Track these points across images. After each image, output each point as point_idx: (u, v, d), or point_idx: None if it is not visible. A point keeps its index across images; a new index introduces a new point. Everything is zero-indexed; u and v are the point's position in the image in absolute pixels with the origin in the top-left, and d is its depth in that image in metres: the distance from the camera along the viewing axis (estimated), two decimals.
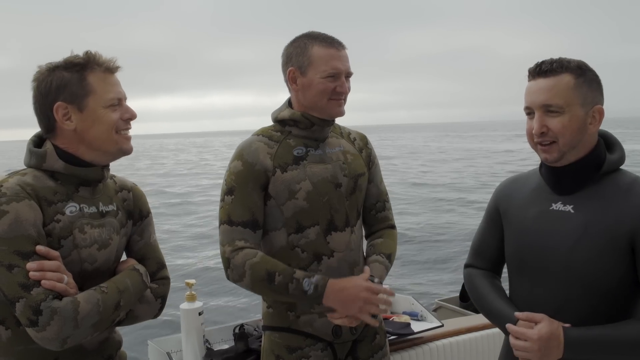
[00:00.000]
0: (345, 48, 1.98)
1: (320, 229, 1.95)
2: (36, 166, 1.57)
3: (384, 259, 2.03)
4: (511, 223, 1.77)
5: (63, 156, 1.57)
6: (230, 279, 1.90)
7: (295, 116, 1.98)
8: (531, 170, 1.84)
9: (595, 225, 1.58)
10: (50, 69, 1.56)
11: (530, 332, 1.55)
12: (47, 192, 1.52)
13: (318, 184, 1.95)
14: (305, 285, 1.83)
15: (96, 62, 1.58)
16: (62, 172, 1.56)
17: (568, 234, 1.61)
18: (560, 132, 1.58)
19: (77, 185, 1.59)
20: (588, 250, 1.57)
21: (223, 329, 2.58)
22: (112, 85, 1.60)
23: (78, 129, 1.56)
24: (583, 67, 1.61)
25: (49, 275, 1.42)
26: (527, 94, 1.64)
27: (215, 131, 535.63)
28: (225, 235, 1.91)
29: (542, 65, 1.60)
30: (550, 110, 1.59)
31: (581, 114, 1.59)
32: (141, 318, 1.67)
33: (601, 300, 1.58)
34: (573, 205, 1.63)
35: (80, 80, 1.55)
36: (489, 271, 1.87)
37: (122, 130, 1.61)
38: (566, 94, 1.57)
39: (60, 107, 1.54)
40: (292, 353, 1.95)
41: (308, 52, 1.93)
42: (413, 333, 2.59)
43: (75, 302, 1.43)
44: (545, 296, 1.65)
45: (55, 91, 1.54)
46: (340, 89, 1.95)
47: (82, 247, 1.55)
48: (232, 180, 1.93)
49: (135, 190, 1.79)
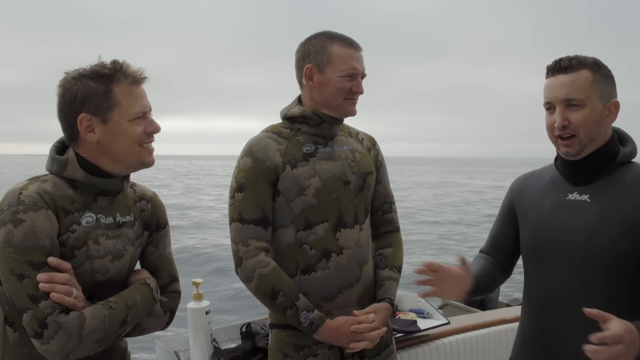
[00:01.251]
0: (362, 50, 2.00)
1: (329, 226, 1.95)
2: (57, 173, 1.56)
3: (397, 274, 2.08)
4: (526, 215, 1.81)
5: (84, 165, 1.56)
6: (238, 276, 1.94)
7: (305, 113, 1.98)
8: (545, 166, 1.89)
9: (611, 213, 1.62)
10: (77, 77, 1.54)
11: (614, 331, 1.41)
12: (65, 201, 1.52)
13: (327, 181, 1.95)
14: (302, 317, 1.88)
15: (123, 74, 1.55)
16: (82, 182, 1.55)
17: (585, 222, 1.66)
18: (581, 124, 1.64)
19: (95, 194, 1.57)
20: (605, 237, 1.61)
21: (230, 328, 2.58)
22: (138, 98, 1.57)
23: (101, 141, 1.55)
24: (599, 64, 1.67)
25: (58, 287, 1.42)
26: (548, 89, 1.69)
27: (219, 155, 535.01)
28: (238, 234, 1.92)
29: (561, 62, 1.66)
30: (571, 104, 1.64)
31: (600, 107, 1.65)
32: (148, 331, 1.67)
33: (618, 285, 1.62)
34: (589, 194, 1.68)
35: (106, 92, 1.52)
36: (495, 260, 1.93)
37: (145, 144, 1.60)
38: (586, 88, 1.63)
39: (84, 119, 1.53)
40: (300, 351, 1.96)
41: (328, 51, 1.94)
42: (419, 330, 2.59)
43: (81, 318, 1.42)
44: (563, 284, 1.68)
45: (80, 101, 1.52)
46: (356, 88, 1.97)
47: (95, 258, 1.54)
48: (242, 177, 1.94)
49: (154, 201, 1.77)
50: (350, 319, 1.94)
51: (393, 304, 2.05)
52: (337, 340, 1.93)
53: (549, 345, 1.71)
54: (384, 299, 2.02)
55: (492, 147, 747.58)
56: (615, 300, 1.62)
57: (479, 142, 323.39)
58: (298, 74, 2.01)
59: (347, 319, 1.94)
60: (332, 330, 1.91)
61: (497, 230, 1.95)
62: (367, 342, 1.94)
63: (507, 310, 3.23)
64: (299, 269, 1.95)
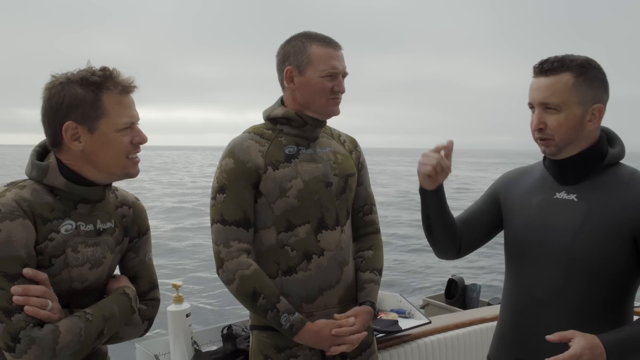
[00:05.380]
0: (342, 48, 1.99)
1: (310, 227, 1.95)
2: (37, 179, 1.51)
3: (377, 277, 2.09)
4: (513, 211, 1.81)
5: (65, 172, 1.51)
6: (219, 277, 1.93)
7: (288, 114, 1.98)
8: (535, 162, 1.88)
9: (598, 213, 1.62)
10: (64, 82, 1.48)
11: (572, 350, 1.49)
12: (44, 208, 1.47)
13: (309, 183, 1.95)
14: (283, 319, 1.88)
15: (113, 82, 1.50)
16: (63, 189, 1.51)
17: (571, 221, 1.66)
18: (556, 129, 1.64)
19: (76, 202, 1.53)
20: (590, 237, 1.62)
21: (211, 330, 2.57)
22: (127, 108, 1.53)
23: (86, 150, 1.50)
24: (586, 66, 1.64)
25: (32, 300, 1.38)
26: (530, 90, 1.69)
27: (187, 146, 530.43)
28: (219, 235, 1.91)
29: (544, 64, 1.65)
30: (548, 107, 1.64)
31: (578, 112, 1.63)
32: (125, 339, 1.63)
33: (599, 287, 1.62)
34: (576, 194, 1.68)
35: (94, 101, 1.47)
36: (458, 230, 1.90)
37: (132, 155, 1.56)
38: (563, 93, 1.62)
39: (70, 127, 1.48)
40: (281, 352, 1.95)
41: (307, 51, 1.93)
42: (401, 330, 2.60)
43: (56, 332, 1.39)
44: (545, 283, 1.69)
45: (67, 109, 1.47)
46: (338, 88, 1.96)
47: (73, 266, 1.51)
48: (223, 178, 1.93)
49: (136, 206, 1.73)
50: (331, 322, 1.93)
51: (374, 307, 2.05)
52: (317, 343, 1.93)
53: (527, 344, 1.71)
54: (365, 302, 2.02)
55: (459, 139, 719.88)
56: (595, 302, 1.63)
57: (446, 134, 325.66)
58: (279, 76, 2.00)
59: (327, 322, 1.93)
60: (313, 333, 1.91)
61: (474, 209, 1.93)
62: (348, 345, 1.93)
63: (487, 309, 3.26)
64: (280, 270, 1.95)
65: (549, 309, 1.67)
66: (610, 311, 1.63)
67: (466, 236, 1.89)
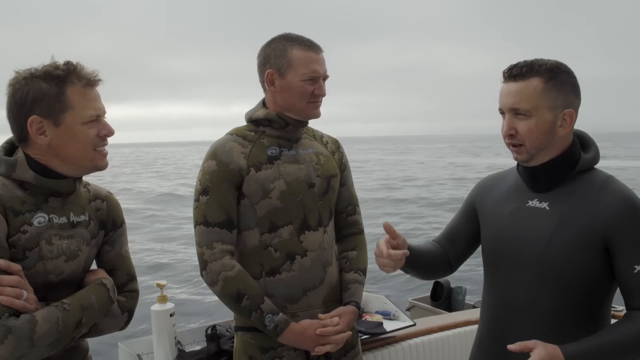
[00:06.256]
0: (322, 51, 1.99)
1: (293, 228, 1.95)
2: (5, 174, 1.52)
3: (362, 277, 2.09)
4: (487, 219, 1.81)
5: (34, 166, 1.51)
6: (203, 279, 1.93)
7: (270, 116, 1.98)
8: (510, 168, 1.87)
9: (569, 222, 1.61)
10: (28, 77, 1.49)
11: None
12: (15, 202, 1.48)
13: (292, 184, 1.95)
14: (267, 320, 1.88)
15: (77, 76, 1.51)
16: (32, 183, 1.51)
17: (543, 230, 1.64)
18: (526, 135, 1.62)
19: (47, 195, 1.54)
20: (561, 246, 1.61)
21: (195, 330, 2.56)
22: (92, 101, 1.54)
23: (52, 144, 1.51)
24: (555, 70, 1.62)
25: (7, 290, 1.38)
26: (500, 95, 1.67)
27: (171, 141, 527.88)
28: (203, 237, 1.91)
29: (513, 69, 1.63)
30: (518, 113, 1.62)
31: (549, 117, 1.61)
32: (106, 331, 1.64)
33: (573, 295, 1.62)
34: (548, 202, 1.67)
35: (59, 95, 1.48)
36: (443, 250, 1.90)
37: (99, 147, 1.57)
38: (533, 99, 1.60)
39: (34, 121, 1.48)
40: (265, 353, 1.95)
41: (287, 55, 1.93)
42: (385, 332, 2.60)
43: (32, 321, 1.38)
44: (518, 289, 1.68)
45: (31, 103, 1.48)
46: (319, 91, 1.97)
47: (47, 258, 1.51)
48: (206, 180, 1.93)
49: (109, 200, 1.74)
50: (316, 322, 1.94)
51: (359, 307, 2.06)
52: (301, 343, 1.93)
53: (504, 351, 1.71)
54: (349, 302, 2.03)
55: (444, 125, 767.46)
56: (569, 309, 1.62)
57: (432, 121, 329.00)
58: (260, 78, 2.01)
59: (312, 322, 1.93)
60: (297, 333, 1.91)
61: (454, 223, 1.94)
62: (332, 345, 1.94)
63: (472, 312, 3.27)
64: (263, 271, 1.95)
65: (523, 317, 1.67)
66: (585, 318, 1.63)
67: (452, 252, 1.90)
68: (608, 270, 1.61)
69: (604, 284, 1.63)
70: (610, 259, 1.60)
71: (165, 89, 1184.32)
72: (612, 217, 1.57)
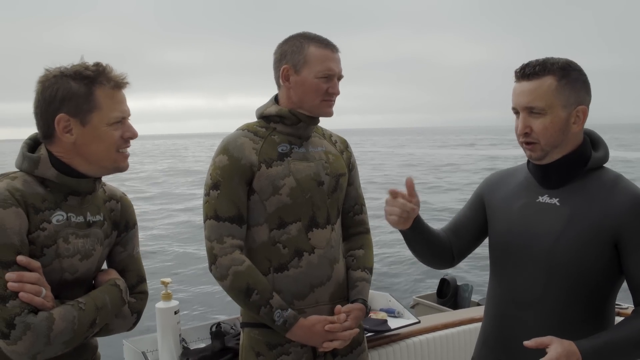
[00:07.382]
0: (339, 51, 2.01)
1: (302, 225, 1.96)
2: (28, 171, 1.53)
3: (368, 275, 2.10)
4: (496, 214, 1.81)
5: (56, 164, 1.53)
6: (212, 274, 1.93)
7: (282, 112, 1.99)
8: (519, 165, 1.88)
9: (579, 218, 1.62)
10: (58, 75, 1.51)
11: (548, 357, 1.49)
12: (36, 199, 1.49)
13: (301, 181, 1.96)
14: (276, 315, 1.88)
15: (106, 77, 1.53)
16: (54, 181, 1.53)
17: (553, 226, 1.65)
18: (542, 133, 1.63)
19: (66, 194, 1.55)
20: (571, 241, 1.62)
21: (199, 328, 2.56)
22: (119, 103, 1.56)
23: (77, 143, 1.53)
24: (567, 68, 1.64)
25: (27, 287, 1.39)
26: (513, 95, 1.68)
27: (170, 134, 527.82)
28: (213, 231, 1.92)
29: (526, 69, 1.64)
30: (533, 111, 1.63)
31: (563, 115, 1.63)
32: (115, 331, 1.65)
33: (580, 291, 1.62)
34: (559, 198, 1.68)
35: (87, 95, 1.50)
36: (448, 240, 1.89)
37: (122, 149, 1.59)
38: (547, 97, 1.61)
39: (62, 119, 1.50)
40: (273, 350, 1.95)
41: (304, 51, 1.95)
42: (390, 330, 2.60)
43: (50, 319, 1.40)
44: (526, 285, 1.69)
45: (60, 101, 1.50)
46: (332, 90, 1.98)
47: (64, 256, 1.52)
48: (217, 174, 1.93)
49: (123, 201, 1.75)
50: (324, 318, 1.94)
51: (367, 305, 2.06)
52: (310, 339, 1.93)
53: (509, 347, 1.71)
54: (357, 300, 2.03)
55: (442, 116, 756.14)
56: (576, 306, 1.63)
57: (431, 112, 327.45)
58: (275, 74, 2.02)
59: (320, 318, 1.94)
60: (306, 329, 1.91)
61: (461, 216, 1.94)
62: (340, 341, 1.94)
63: (477, 309, 3.26)
64: (272, 267, 1.95)
65: (530, 313, 1.68)
66: (592, 315, 1.64)
67: (456, 244, 1.90)
68: (616, 268, 1.62)
69: (611, 280, 1.64)
70: (619, 256, 1.61)
71: (161, 81, 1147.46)
72: (623, 215, 1.58)
